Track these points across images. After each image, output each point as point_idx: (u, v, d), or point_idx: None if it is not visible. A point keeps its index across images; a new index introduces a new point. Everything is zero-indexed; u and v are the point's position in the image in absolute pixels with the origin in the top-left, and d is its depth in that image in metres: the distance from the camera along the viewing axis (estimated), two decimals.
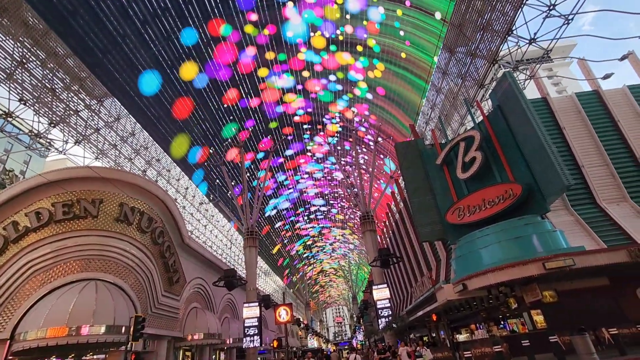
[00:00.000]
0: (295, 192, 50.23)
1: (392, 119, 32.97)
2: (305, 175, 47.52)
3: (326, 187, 51.12)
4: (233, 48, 26.22)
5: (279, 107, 34.26)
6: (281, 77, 31.44)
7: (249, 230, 30.65)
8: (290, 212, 54.96)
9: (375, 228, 30.68)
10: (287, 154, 40.64)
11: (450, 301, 16.44)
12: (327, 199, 55.30)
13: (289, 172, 44.63)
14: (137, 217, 20.64)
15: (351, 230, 62.18)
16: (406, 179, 20.86)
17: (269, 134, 35.95)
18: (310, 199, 54.85)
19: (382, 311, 25.90)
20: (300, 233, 65.23)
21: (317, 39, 29.04)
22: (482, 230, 16.13)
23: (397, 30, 25.55)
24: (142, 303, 20.16)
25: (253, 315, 25.45)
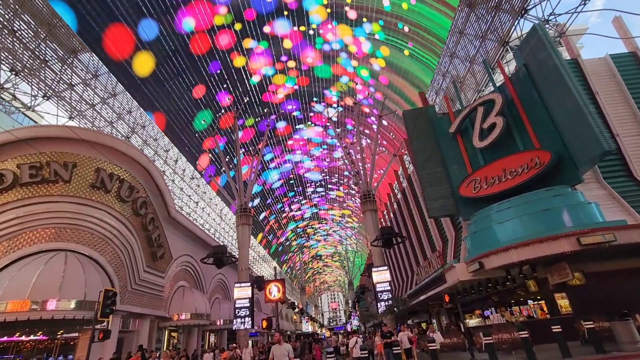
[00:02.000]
0: (290, 167, 48.05)
1: (397, 94, 30.80)
2: (300, 152, 45.26)
3: (325, 163, 48.91)
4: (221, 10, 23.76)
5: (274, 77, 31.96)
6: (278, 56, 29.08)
7: (242, 207, 28.75)
8: (284, 190, 52.90)
9: (376, 208, 28.78)
10: (283, 125, 38.28)
11: (462, 282, 14.71)
12: (325, 177, 53.22)
13: (283, 146, 42.36)
14: (116, 184, 18.63)
15: (351, 211, 60.34)
16: (415, 149, 18.91)
17: (266, 107, 33.75)
18: (306, 178, 52.81)
19: (381, 294, 24.22)
20: (295, 214, 63.45)
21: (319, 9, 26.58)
22: (501, 204, 14.30)
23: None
24: (120, 279, 18.35)
25: (244, 296, 23.73)
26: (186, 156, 30.12)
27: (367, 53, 29.85)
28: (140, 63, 22.24)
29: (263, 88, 32.29)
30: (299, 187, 54.46)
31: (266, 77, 31.07)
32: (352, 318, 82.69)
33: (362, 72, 31.58)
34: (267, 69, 30.62)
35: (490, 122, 15.76)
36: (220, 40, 25.50)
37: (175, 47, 23.22)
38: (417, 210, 26.30)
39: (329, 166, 48.31)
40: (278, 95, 33.94)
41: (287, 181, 50.99)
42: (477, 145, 16.19)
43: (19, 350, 18.54)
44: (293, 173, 49.64)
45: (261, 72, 30.74)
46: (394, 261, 35.77)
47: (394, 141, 34.92)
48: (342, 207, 62.16)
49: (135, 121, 23.27)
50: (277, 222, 60.10)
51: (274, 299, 13.73)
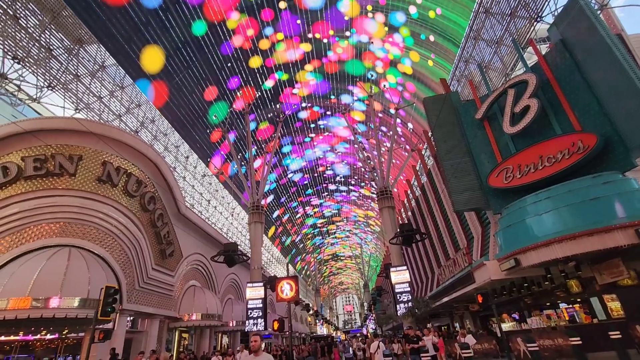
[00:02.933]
0: (311, 161, 46.91)
1: (416, 83, 29.39)
2: (323, 147, 43.98)
3: (350, 160, 47.55)
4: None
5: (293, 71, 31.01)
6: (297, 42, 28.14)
7: (255, 205, 27.87)
8: (303, 184, 51.80)
9: (394, 205, 27.42)
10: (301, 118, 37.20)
11: (494, 282, 13.25)
12: (350, 174, 51.77)
13: (302, 140, 41.27)
14: (123, 178, 17.95)
15: (376, 212, 58.85)
16: (437, 139, 17.53)
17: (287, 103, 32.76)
18: (330, 174, 51.40)
19: (400, 296, 22.87)
20: (314, 211, 62.22)
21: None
22: (538, 194, 12.78)
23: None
24: (127, 276, 17.61)
25: (257, 297, 22.78)
26: (197, 152, 29.48)
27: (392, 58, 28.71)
28: (150, 56, 21.65)
29: (283, 84, 31.44)
30: (320, 183, 53.30)
31: (292, 68, 30.03)
32: (367, 321, 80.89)
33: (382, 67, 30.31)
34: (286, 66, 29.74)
35: (523, 105, 14.26)
36: (239, 31, 24.62)
37: (186, 38, 22.53)
38: (438, 206, 24.77)
39: (355, 163, 47.02)
40: (300, 88, 33.02)
41: (310, 175, 49.88)
42: (508, 132, 14.70)
43: (31, 349, 18.09)
44: (314, 168, 48.53)
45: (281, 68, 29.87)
46: (412, 261, 34.18)
47: (411, 136, 33.46)
48: (368, 208, 60.61)
49: (145, 115, 22.69)
50: (293, 220, 59.08)
51: (287, 297, 12.63)
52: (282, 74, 31.04)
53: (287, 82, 31.70)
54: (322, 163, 48.02)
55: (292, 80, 31.50)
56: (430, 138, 26.46)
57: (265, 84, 30.45)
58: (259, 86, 30.33)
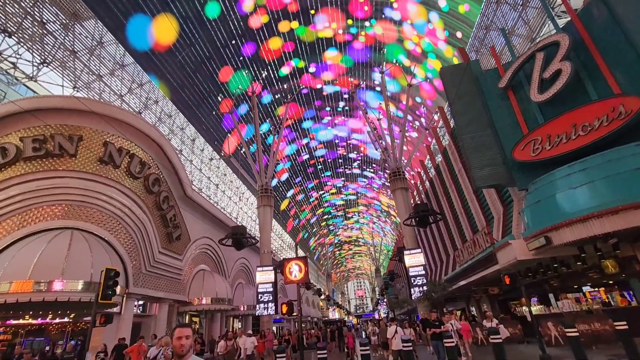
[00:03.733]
0: (333, 144, 45.71)
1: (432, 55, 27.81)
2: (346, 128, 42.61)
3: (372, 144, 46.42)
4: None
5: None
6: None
7: (264, 188, 27.14)
8: (324, 167, 50.82)
9: (407, 186, 26.37)
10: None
11: (520, 262, 12.21)
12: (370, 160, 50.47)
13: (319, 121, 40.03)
14: (126, 159, 17.31)
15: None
16: (456, 111, 16.27)
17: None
18: (355, 157, 50.16)
19: (415, 279, 22.04)
20: (332, 193, 61.26)
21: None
22: (571, 166, 11.55)
23: None
24: (133, 260, 17.16)
25: (267, 280, 22.28)
26: (204, 135, 28.73)
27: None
28: (155, 30, 20.61)
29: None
30: (342, 166, 52.21)
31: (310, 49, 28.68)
32: (379, 306, 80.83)
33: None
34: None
35: (553, 69, 12.89)
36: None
37: (192, 12, 21.39)
38: (454, 186, 23.58)
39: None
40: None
41: (331, 156, 48.73)
42: (536, 99, 13.38)
43: (47, 333, 17.96)
44: (335, 149, 47.37)
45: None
46: (426, 244, 33.20)
47: (425, 114, 32.01)
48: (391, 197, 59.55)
49: (148, 96, 21.91)
50: (308, 198, 58.26)
51: (295, 279, 11.87)
52: (298, 61, 29.81)
53: (307, 58, 30.31)
54: (343, 145, 46.78)
55: (313, 57, 30.08)
56: (446, 114, 25.12)
57: (281, 70, 29.27)
58: (274, 66, 29.17)
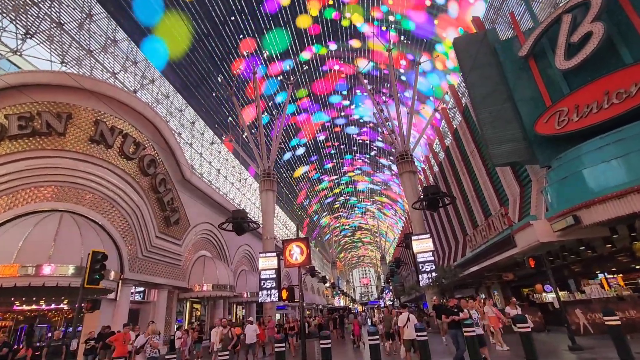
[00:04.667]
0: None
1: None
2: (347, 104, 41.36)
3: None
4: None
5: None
6: None
7: (266, 172, 26.22)
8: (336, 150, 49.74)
9: (415, 169, 25.25)
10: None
11: (542, 244, 11.17)
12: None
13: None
14: (119, 139, 16.39)
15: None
16: (471, 83, 15.06)
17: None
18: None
19: (423, 266, 21.12)
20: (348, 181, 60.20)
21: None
22: (604, 137, 10.41)
23: None
24: (129, 244, 16.40)
25: (270, 267, 21.50)
26: (204, 118, 27.70)
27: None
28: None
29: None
30: (362, 152, 51.08)
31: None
32: (384, 293, 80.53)
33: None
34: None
35: (583, 32, 11.61)
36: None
37: None
38: (466, 168, 22.45)
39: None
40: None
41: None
42: (562, 67, 12.13)
43: (47, 319, 17.38)
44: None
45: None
46: (433, 230, 32.22)
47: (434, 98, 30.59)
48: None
49: (144, 75, 20.85)
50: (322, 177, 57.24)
51: (296, 262, 10.98)
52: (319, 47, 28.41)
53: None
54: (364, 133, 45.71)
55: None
56: (457, 92, 23.80)
57: (301, 55, 27.92)
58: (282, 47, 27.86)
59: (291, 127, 39.77)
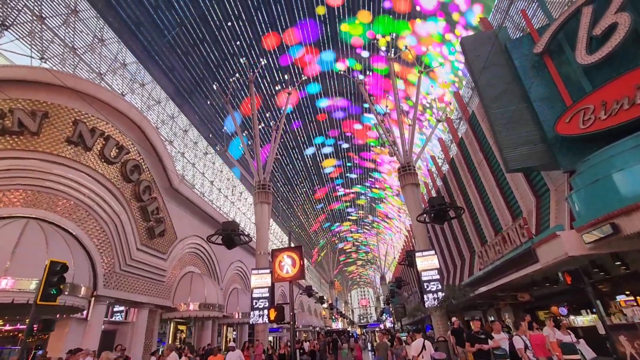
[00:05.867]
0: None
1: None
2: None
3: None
4: None
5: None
6: None
7: (261, 184, 24.86)
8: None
9: (418, 181, 23.93)
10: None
11: (574, 258, 9.71)
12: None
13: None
14: (100, 141, 15.11)
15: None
16: (481, 85, 13.95)
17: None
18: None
19: (428, 285, 19.46)
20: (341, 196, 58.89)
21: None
22: (638, 136, 9.17)
23: None
24: (105, 256, 14.83)
25: (263, 285, 19.84)
26: (197, 126, 26.57)
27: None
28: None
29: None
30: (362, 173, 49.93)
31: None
32: (384, 316, 77.61)
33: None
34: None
35: (606, 23, 10.61)
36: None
37: None
38: (473, 180, 21.17)
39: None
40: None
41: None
42: (584, 61, 11.06)
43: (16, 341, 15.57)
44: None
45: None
46: (437, 248, 30.59)
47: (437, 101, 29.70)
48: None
49: (133, 78, 19.84)
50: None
51: (287, 276, 9.46)
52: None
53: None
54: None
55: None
56: (462, 99, 22.83)
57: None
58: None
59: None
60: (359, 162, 49.62)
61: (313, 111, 36.35)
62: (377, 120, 27.71)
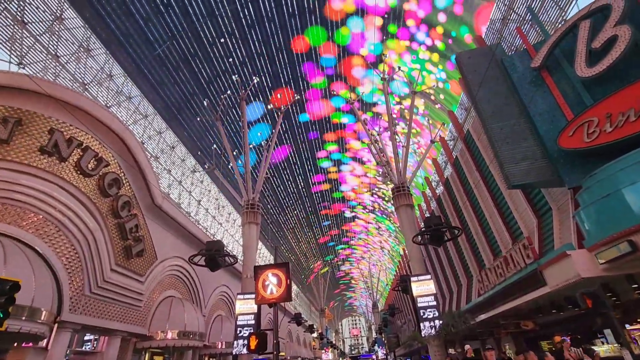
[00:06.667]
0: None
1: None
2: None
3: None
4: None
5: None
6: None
7: (250, 203, 23.84)
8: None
9: (412, 202, 23.20)
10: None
11: (588, 279, 8.88)
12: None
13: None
14: (77, 152, 14.18)
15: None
16: (479, 99, 13.57)
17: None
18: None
19: (425, 312, 18.30)
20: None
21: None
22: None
23: None
24: (74, 277, 13.52)
25: (249, 311, 18.41)
26: (185, 143, 25.79)
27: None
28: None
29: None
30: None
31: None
32: (376, 346, 74.51)
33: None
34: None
35: (606, 36, 10.38)
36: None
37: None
38: (469, 201, 20.53)
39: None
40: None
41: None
42: (585, 74, 10.75)
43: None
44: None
45: None
46: (431, 273, 29.46)
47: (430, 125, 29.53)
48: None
49: (119, 89, 19.17)
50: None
51: (271, 297, 8.36)
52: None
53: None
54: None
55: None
56: (456, 118, 22.60)
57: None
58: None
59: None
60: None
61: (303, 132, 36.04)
62: (370, 139, 27.36)
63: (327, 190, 48.79)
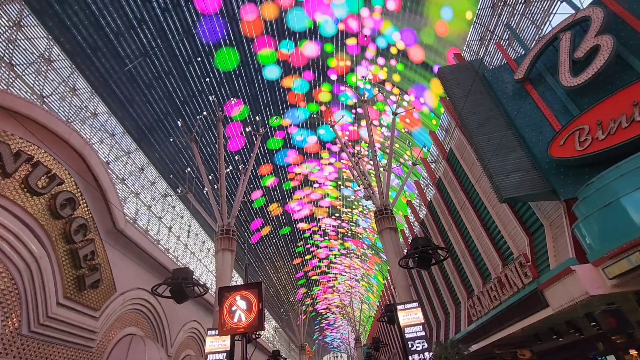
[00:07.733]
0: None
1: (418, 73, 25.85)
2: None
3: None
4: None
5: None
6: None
7: (224, 229, 22.25)
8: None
9: (395, 225, 22.32)
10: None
11: (597, 297, 8.01)
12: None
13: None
14: (25, 168, 12.56)
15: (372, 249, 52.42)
16: (464, 112, 13.20)
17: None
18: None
19: (413, 344, 16.89)
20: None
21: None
22: None
23: None
24: (9, 312, 11.45)
25: (221, 349, 16.38)
26: (155, 163, 24.26)
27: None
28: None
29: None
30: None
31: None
32: None
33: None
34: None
35: (588, 46, 10.29)
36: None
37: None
38: (454, 223, 19.88)
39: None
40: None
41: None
42: (569, 84, 10.53)
43: None
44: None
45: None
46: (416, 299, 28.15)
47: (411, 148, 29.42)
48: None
49: (83, 105, 17.79)
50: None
51: (239, 326, 6.68)
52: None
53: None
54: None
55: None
56: (438, 138, 22.40)
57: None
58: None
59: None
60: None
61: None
62: (351, 162, 26.76)
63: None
